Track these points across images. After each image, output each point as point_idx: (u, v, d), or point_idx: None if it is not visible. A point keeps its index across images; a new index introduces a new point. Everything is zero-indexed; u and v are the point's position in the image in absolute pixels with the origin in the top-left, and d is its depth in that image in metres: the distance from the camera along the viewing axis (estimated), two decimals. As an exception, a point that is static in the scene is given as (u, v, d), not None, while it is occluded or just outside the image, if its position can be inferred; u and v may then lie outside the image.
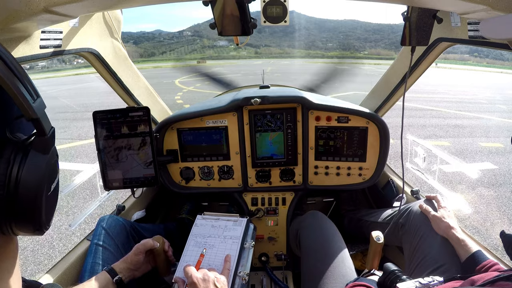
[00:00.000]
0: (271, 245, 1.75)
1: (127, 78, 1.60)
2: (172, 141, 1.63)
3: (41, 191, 0.48)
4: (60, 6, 0.71)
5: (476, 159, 5.44)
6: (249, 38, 1.12)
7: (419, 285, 0.87)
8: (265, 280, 1.60)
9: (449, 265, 1.11)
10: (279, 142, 1.63)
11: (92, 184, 1.77)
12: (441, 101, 11.39)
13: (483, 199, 3.90)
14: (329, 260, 1.20)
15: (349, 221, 1.79)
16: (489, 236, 3.14)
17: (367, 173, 1.66)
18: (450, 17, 1.12)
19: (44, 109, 0.49)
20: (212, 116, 1.60)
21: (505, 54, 21.42)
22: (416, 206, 1.36)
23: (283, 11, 0.93)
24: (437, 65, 32.03)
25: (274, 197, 1.73)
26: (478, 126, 7.77)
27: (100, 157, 1.27)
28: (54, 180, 0.52)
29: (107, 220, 1.32)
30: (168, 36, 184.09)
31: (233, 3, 0.93)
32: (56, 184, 0.53)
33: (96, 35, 1.33)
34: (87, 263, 1.18)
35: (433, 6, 0.99)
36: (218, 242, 1.24)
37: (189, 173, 1.68)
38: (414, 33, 1.14)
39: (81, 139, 6.66)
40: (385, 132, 1.56)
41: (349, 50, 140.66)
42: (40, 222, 0.49)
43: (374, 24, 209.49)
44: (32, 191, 0.46)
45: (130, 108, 1.26)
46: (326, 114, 1.62)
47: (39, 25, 0.89)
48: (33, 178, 0.46)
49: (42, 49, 0.99)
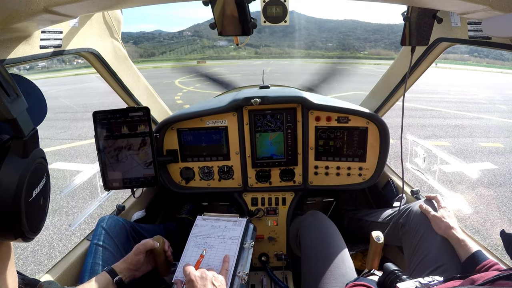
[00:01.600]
0: (271, 245, 1.74)
1: (127, 78, 1.60)
2: (172, 141, 1.63)
3: (18, 197, 0.45)
4: (60, 6, 0.71)
5: (476, 159, 5.44)
6: (249, 38, 1.12)
7: (419, 285, 0.87)
8: (265, 280, 1.60)
9: (449, 265, 1.11)
10: (279, 142, 1.63)
11: (92, 184, 1.77)
12: (441, 101, 11.39)
13: (483, 199, 3.90)
14: (329, 260, 1.20)
15: (349, 221, 1.79)
16: (489, 236, 3.14)
17: (367, 173, 1.66)
18: (450, 17, 1.12)
19: (23, 109, 0.46)
20: (212, 116, 1.60)
21: (505, 54, 21.43)
22: (416, 206, 1.36)
23: (283, 11, 0.93)
24: (437, 65, 32.04)
25: (274, 197, 1.73)
26: (478, 126, 7.77)
27: (100, 157, 1.27)
28: (37, 185, 0.49)
29: (107, 220, 1.32)
30: (168, 36, 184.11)
31: (233, 3, 0.93)
32: (41, 189, 0.50)
33: (96, 35, 1.33)
34: (87, 263, 1.18)
35: (433, 6, 0.99)
36: (217, 242, 1.24)
37: (189, 173, 1.68)
38: (414, 33, 1.14)
39: (81, 139, 6.66)
40: (385, 132, 1.56)
41: (349, 50, 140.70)
42: (22, 229, 0.46)
43: (374, 24, 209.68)
44: (7, 197, 0.43)
45: (130, 108, 1.26)
46: (326, 114, 1.62)
47: (39, 25, 0.89)
48: (8, 183, 0.43)
49: (42, 49, 0.99)
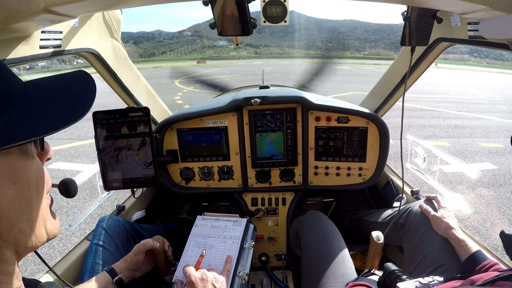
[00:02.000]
0: (271, 245, 1.74)
1: (127, 79, 1.60)
2: (172, 141, 1.63)
3: None
4: (60, 6, 0.71)
5: (476, 159, 5.44)
6: (249, 38, 1.12)
7: (419, 285, 0.87)
8: (265, 280, 1.60)
9: (449, 265, 1.11)
10: (279, 142, 1.63)
11: (92, 184, 1.77)
12: (441, 101, 11.40)
13: (483, 199, 3.90)
14: (329, 260, 1.20)
15: (349, 221, 1.79)
16: (489, 236, 3.14)
17: (367, 173, 1.66)
18: (450, 17, 1.12)
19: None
20: (212, 117, 1.60)
21: (505, 54, 21.44)
22: (416, 206, 1.36)
23: (283, 11, 0.94)
24: (437, 65, 32.05)
25: (274, 197, 1.73)
26: (478, 126, 7.77)
27: (100, 158, 1.27)
28: None
29: (107, 221, 1.32)
30: (168, 36, 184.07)
31: (233, 3, 0.93)
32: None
33: (96, 35, 1.32)
34: (87, 263, 1.18)
35: (433, 6, 0.99)
36: (217, 242, 1.24)
37: (189, 173, 1.68)
38: (414, 33, 1.14)
39: (81, 139, 6.66)
40: (385, 132, 1.56)
41: (349, 50, 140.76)
42: None
43: (374, 24, 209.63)
44: None
45: (130, 108, 1.26)
46: (326, 115, 1.62)
47: (39, 25, 0.89)
48: None
49: (42, 49, 0.99)
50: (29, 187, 0.49)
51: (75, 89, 0.53)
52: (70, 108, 0.50)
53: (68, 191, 0.70)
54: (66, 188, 0.69)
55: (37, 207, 0.51)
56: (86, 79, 0.54)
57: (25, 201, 0.48)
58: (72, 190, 0.70)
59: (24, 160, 0.49)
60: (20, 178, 0.48)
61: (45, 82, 0.53)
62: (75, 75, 0.55)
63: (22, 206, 0.48)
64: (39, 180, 0.52)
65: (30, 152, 0.50)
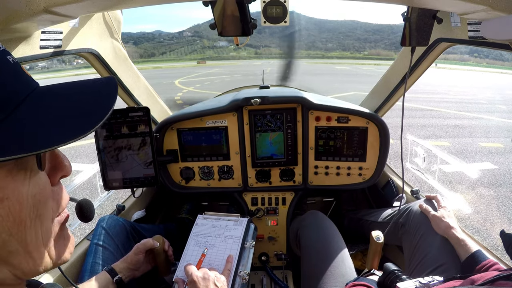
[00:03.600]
0: (271, 244, 1.75)
1: (127, 79, 1.60)
2: (172, 141, 1.63)
3: None
4: (60, 7, 0.71)
5: (476, 159, 5.44)
6: (249, 38, 1.12)
7: (419, 284, 0.87)
8: (265, 280, 1.60)
9: (449, 264, 1.11)
10: (279, 142, 1.63)
11: (92, 184, 1.78)
12: (441, 101, 11.40)
13: (483, 199, 3.90)
14: (329, 260, 1.20)
15: (349, 221, 1.79)
16: (489, 236, 3.14)
17: (367, 173, 1.66)
18: (450, 17, 1.12)
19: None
20: (212, 116, 1.60)
21: (505, 54, 21.43)
22: (416, 206, 1.36)
23: (283, 12, 0.94)
24: (437, 65, 32.04)
25: (274, 197, 1.73)
26: (478, 126, 7.78)
27: (100, 157, 1.27)
28: None
29: (107, 220, 1.32)
30: (168, 37, 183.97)
31: (233, 4, 0.93)
32: None
33: (96, 36, 1.33)
34: (87, 263, 1.18)
35: (433, 7, 0.99)
36: (218, 241, 1.24)
37: (189, 173, 1.68)
38: (414, 34, 1.14)
39: (81, 139, 6.66)
40: (385, 132, 1.56)
41: (349, 51, 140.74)
42: None
43: (374, 25, 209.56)
44: None
45: (130, 108, 1.27)
46: (326, 114, 1.62)
47: (39, 26, 0.89)
48: None
49: (42, 49, 0.99)
50: (22, 207, 0.42)
51: (87, 104, 0.47)
52: (74, 125, 0.45)
53: (84, 214, 0.65)
54: (81, 210, 0.64)
55: (35, 229, 0.44)
56: (109, 87, 0.48)
57: (15, 222, 0.42)
58: (88, 214, 0.65)
59: (19, 175, 0.41)
60: (9, 196, 0.41)
61: (59, 88, 0.47)
62: (104, 81, 0.49)
63: (10, 227, 0.41)
64: (39, 199, 0.44)
65: (31, 167, 0.43)
